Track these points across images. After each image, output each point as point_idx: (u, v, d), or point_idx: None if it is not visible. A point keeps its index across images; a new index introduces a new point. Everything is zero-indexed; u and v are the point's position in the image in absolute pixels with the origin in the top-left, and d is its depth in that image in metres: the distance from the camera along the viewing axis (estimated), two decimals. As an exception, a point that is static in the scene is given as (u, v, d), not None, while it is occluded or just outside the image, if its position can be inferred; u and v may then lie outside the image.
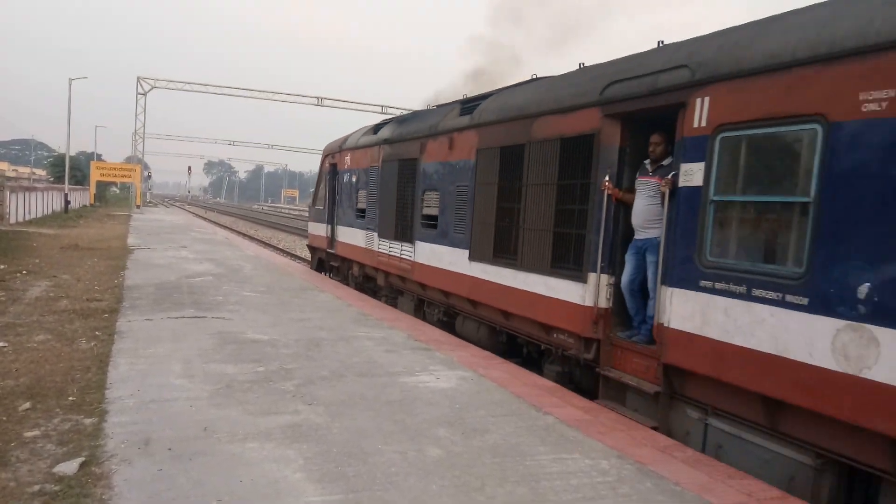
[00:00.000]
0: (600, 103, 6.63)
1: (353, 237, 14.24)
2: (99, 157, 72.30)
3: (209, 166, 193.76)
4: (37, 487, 3.80)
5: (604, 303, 6.58)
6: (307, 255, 12.88)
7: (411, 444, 4.78)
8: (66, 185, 44.97)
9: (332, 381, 6.26)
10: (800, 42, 4.65)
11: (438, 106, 11.85)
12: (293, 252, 25.94)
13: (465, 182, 9.24)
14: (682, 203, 5.59)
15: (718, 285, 5.15)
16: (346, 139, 15.68)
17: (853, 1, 4.51)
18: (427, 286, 10.60)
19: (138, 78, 51.56)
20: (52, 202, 39.43)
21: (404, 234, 11.32)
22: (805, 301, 4.49)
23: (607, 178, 6.43)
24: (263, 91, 53.04)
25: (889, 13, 4.11)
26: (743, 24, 5.59)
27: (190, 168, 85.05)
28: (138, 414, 5.08)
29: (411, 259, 10.95)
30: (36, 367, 6.27)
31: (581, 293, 6.72)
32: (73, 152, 58.12)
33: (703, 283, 5.30)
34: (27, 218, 30.73)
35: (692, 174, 5.49)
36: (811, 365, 4.42)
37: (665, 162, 6.16)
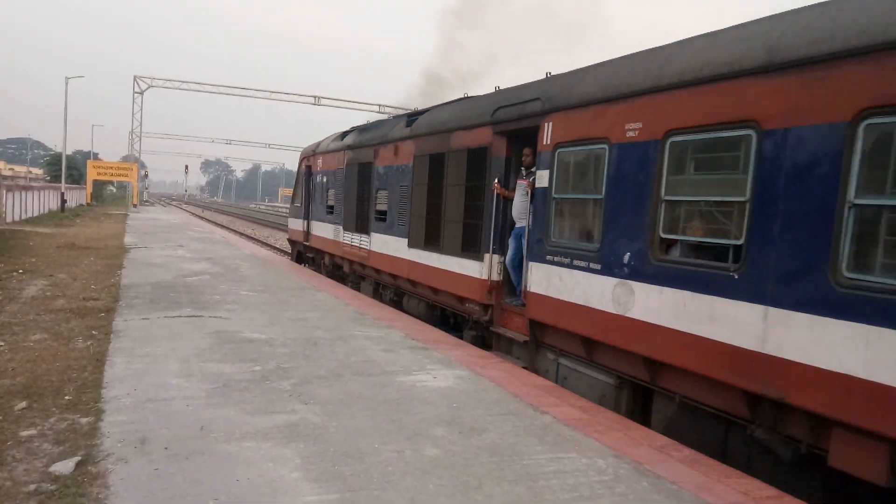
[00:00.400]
0: (491, 123, 8.63)
1: (324, 231, 16.19)
2: (96, 156, 72.12)
3: (206, 165, 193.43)
4: (33, 487, 3.80)
5: (495, 276, 8.61)
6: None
7: (408, 443, 4.78)
8: (63, 184, 44.87)
9: (329, 381, 6.26)
10: (598, 88, 6.79)
11: (394, 117, 13.68)
12: (290, 251, 26.18)
13: (406, 183, 11.17)
14: (537, 200, 7.64)
15: (556, 259, 7.19)
16: (318, 144, 17.69)
17: (624, 65, 6.72)
18: (380, 271, 12.51)
19: (135, 77, 51.45)
20: (48, 201, 39.33)
21: (363, 226, 13.22)
22: (599, 267, 6.54)
23: (496, 181, 8.42)
24: (261, 90, 52.94)
25: (638, 74, 6.31)
26: (574, 70, 7.76)
27: (187, 167, 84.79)
28: (135, 413, 5.07)
29: (368, 248, 12.91)
30: (32, 367, 6.25)
31: (480, 269, 8.75)
32: (69, 151, 58.06)
33: (548, 257, 7.33)
34: (23, 217, 30.65)
35: (543, 178, 7.49)
36: (602, 310, 6.45)
37: (533, 169, 7.84)
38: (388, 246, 11.88)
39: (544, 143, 7.48)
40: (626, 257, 6.15)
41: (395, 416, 5.37)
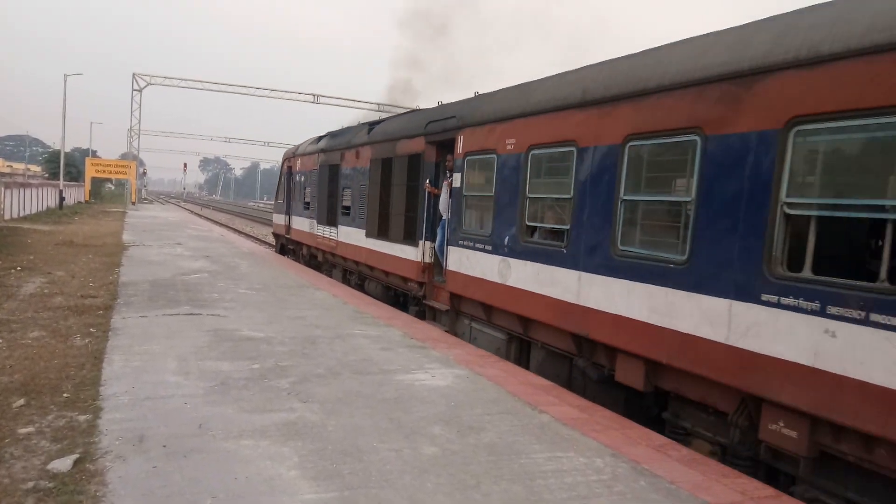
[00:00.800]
0: (424, 134, 10.74)
1: (302, 224, 18.40)
2: (94, 154, 72.05)
3: (205, 163, 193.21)
4: (31, 484, 3.79)
5: (427, 259, 10.63)
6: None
7: (407, 441, 4.78)
8: (61, 182, 44.81)
9: (327, 379, 6.26)
10: (494, 111, 8.75)
11: (359, 125, 15.51)
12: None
13: (364, 182, 13.25)
14: (454, 197, 9.66)
15: (465, 243, 9.23)
16: (297, 147, 19.89)
17: (508, 94, 8.70)
18: (346, 258, 14.66)
19: (134, 74, 51.34)
20: (46, 198, 39.27)
21: (332, 220, 15.45)
22: (490, 248, 8.56)
23: (427, 181, 10.51)
24: (260, 88, 52.93)
25: (514, 102, 8.32)
26: (480, 95, 9.91)
27: (185, 165, 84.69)
28: (133, 411, 5.07)
29: (336, 239, 15.10)
30: (30, 364, 6.24)
31: (416, 253, 10.83)
32: (68, 149, 57.97)
33: (461, 242, 9.38)
34: (22, 214, 30.61)
35: (457, 180, 9.52)
36: (492, 281, 8.47)
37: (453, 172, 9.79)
38: (352, 237, 14.02)
39: (458, 151, 9.56)
40: (506, 240, 8.21)
41: (394, 414, 5.37)
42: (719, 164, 5.27)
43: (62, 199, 41.43)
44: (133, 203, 52.27)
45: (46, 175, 70.98)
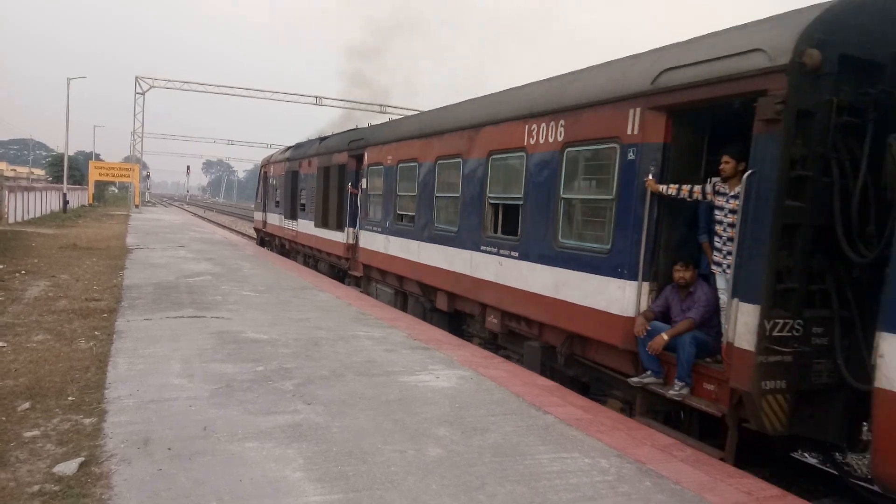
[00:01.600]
0: (347, 150, 14.82)
1: (274, 220, 23.00)
2: (97, 157, 72.19)
3: (208, 166, 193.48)
4: (36, 487, 3.80)
5: (351, 240, 14.57)
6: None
7: (411, 443, 4.78)
8: (65, 185, 44.91)
9: (331, 381, 6.26)
10: (382, 136, 12.66)
11: (314, 139, 19.66)
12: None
13: (314, 185, 17.57)
14: (363, 195, 13.62)
15: (368, 227, 13.12)
16: (271, 156, 24.92)
17: (389, 127, 13.21)
18: (303, 244, 18.96)
19: (136, 77, 51.33)
20: (50, 202, 39.37)
21: (294, 215, 19.75)
22: (380, 230, 12.46)
23: (350, 184, 14.62)
24: (262, 90, 52.86)
25: (386, 131, 13.00)
26: (376, 125, 14.31)
27: (188, 167, 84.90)
28: (138, 414, 5.08)
29: (296, 230, 19.47)
30: (35, 367, 6.26)
31: (343, 237, 14.88)
32: (71, 152, 58.10)
33: (367, 227, 13.29)
34: (26, 218, 30.69)
35: (364, 183, 13.50)
36: (382, 252, 12.18)
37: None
38: (306, 227, 18.35)
39: (365, 163, 13.62)
40: (388, 224, 12.12)
41: (398, 416, 5.37)
42: (470, 172, 9.29)
43: (66, 202, 41.53)
44: (136, 206, 52.31)
45: (50, 178, 71.14)
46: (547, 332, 7.66)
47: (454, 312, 10.10)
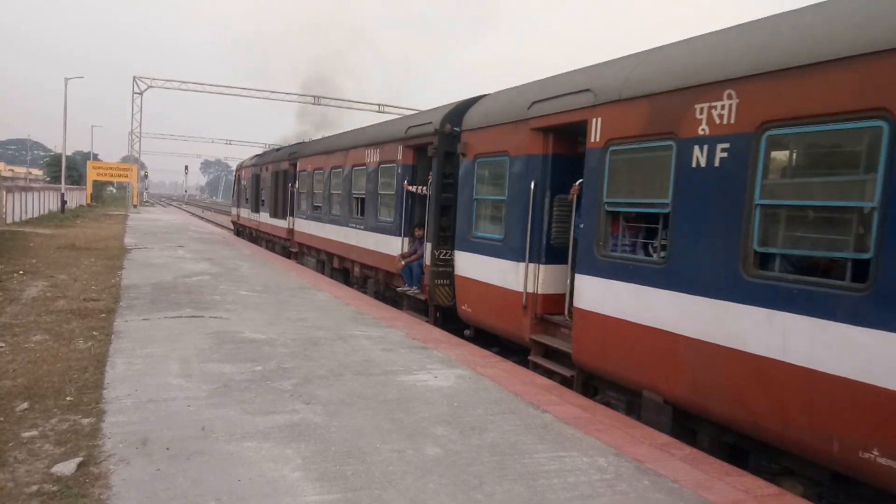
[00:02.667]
0: (288, 158, 20.17)
1: (244, 213, 28.61)
2: (95, 157, 72.07)
3: (206, 165, 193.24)
4: (35, 488, 3.80)
5: (291, 226, 19.57)
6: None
7: (409, 442, 4.79)
8: (63, 185, 44.87)
9: (329, 381, 6.27)
10: (308, 149, 18.89)
11: (272, 150, 27.31)
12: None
13: (269, 185, 22.83)
14: (296, 194, 19.27)
15: (299, 215, 18.80)
16: (243, 162, 31.24)
17: (315, 144, 19.24)
18: (264, 232, 24.21)
19: (134, 77, 51.34)
20: (48, 202, 39.31)
21: (257, 209, 25.30)
22: (306, 217, 18.10)
23: (290, 184, 19.71)
24: (261, 90, 52.84)
25: (310, 147, 19.16)
26: (311, 141, 20.99)
27: (186, 167, 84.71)
28: (136, 414, 5.08)
29: (259, 220, 24.94)
30: (33, 368, 6.26)
31: (285, 223, 20.15)
32: (69, 152, 58.04)
33: (298, 216, 19.02)
34: (24, 218, 30.64)
35: (297, 183, 19.20)
36: (308, 233, 17.87)
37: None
38: (265, 218, 23.75)
39: (298, 170, 18.92)
40: (310, 212, 17.27)
41: (396, 415, 5.37)
42: (346, 177, 14.24)
43: (64, 202, 41.47)
44: (134, 206, 52.27)
45: (48, 179, 71.05)
46: (378, 272, 13.06)
47: (342, 269, 15.44)
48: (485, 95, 9.79)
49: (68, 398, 5.40)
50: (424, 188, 10.82)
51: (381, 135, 12.86)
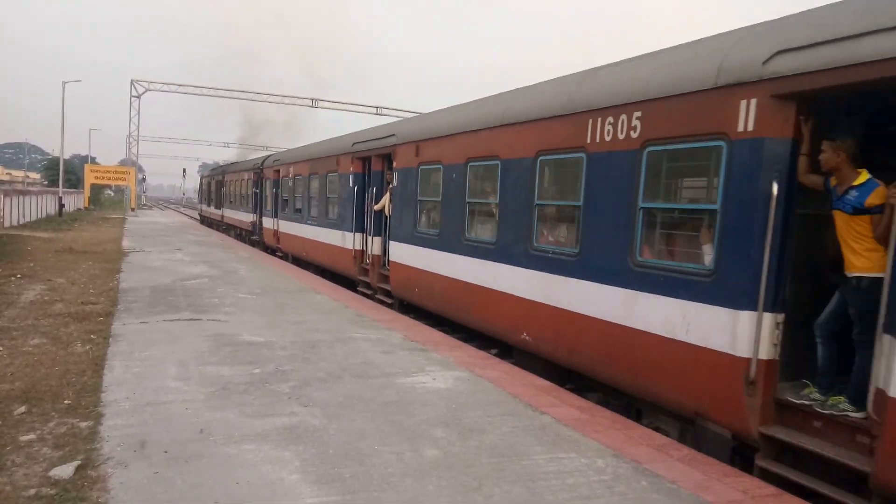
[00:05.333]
0: (253, 169, 26.10)
1: (210, 210, 37.97)
2: (93, 160, 72.04)
3: (204, 168, 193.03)
4: (33, 491, 3.80)
5: (256, 220, 24.91)
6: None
7: (408, 444, 4.79)
8: (61, 189, 44.82)
9: (328, 383, 6.26)
10: (290, 157, 20.86)
11: (231, 163, 37.72)
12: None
13: (233, 189, 30.91)
14: (261, 195, 24.58)
15: (281, 215, 21.09)
16: (207, 170, 47.84)
17: (295, 151, 22.56)
18: (228, 222, 31.76)
19: (132, 80, 51.31)
20: (46, 206, 39.24)
21: (220, 205, 34.27)
22: (271, 214, 22.54)
23: (267, 188, 23.33)
24: (258, 93, 52.90)
25: (293, 154, 21.47)
26: (285, 152, 25.08)
27: (185, 170, 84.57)
28: (134, 417, 5.07)
29: (221, 214, 33.60)
30: (31, 371, 6.25)
31: (252, 217, 25.77)
32: (67, 155, 57.99)
33: (280, 215, 21.20)
34: (21, 222, 30.59)
35: (263, 188, 24.30)
36: (272, 229, 22.14)
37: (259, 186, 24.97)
38: (228, 212, 30.96)
39: (270, 176, 22.64)
40: (271, 212, 22.06)
41: (395, 417, 5.37)
42: (308, 183, 18.16)
43: (62, 206, 41.40)
44: (132, 209, 52.21)
45: (46, 182, 71.02)
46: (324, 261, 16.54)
47: (307, 261, 18.12)
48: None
49: (66, 401, 5.40)
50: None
51: (323, 151, 16.90)
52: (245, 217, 27.14)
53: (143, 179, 72.29)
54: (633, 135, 6.09)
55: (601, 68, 7.18)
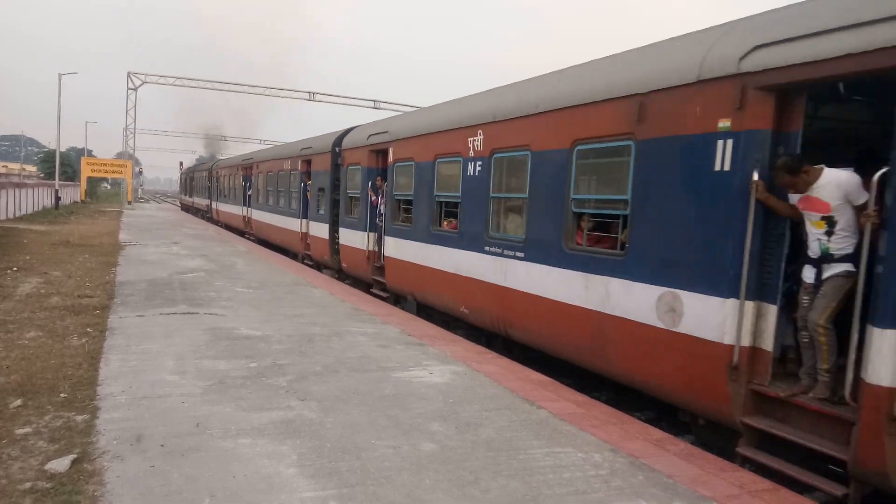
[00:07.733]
0: (240, 165, 27.92)
1: (197, 200, 43.88)
2: (90, 153, 71.76)
3: (201, 161, 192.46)
4: (28, 485, 3.79)
5: (246, 214, 25.84)
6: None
7: (405, 438, 4.79)
8: (57, 182, 44.57)
9: (325, 377, 6.26)
10: (273, 155, 23.09)
11: (214, 160, 46.30)
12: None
13: (215, 182, 35.66)
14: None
15: (257, 206, 23.96)
16: (184, 170, 58.61)
17: (271, 149, 28.46)
18: (216, 212, 34.79)
19: (129, 73, 51.00)
20: (42, 198, 39.13)
21: (207, 196, 38.43)
22: (230, 204, 30.36)
23: (244, 183, 26.65)
24: (255, 86, 52.50)
25: (294, 148, 20.56)
26: (257, 151, 31.80)
27: (181, 164, 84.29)
28: (130, 410, 5.06)
29: (215, 208, 35.02)
30: (27, 364, 6.23)
31: (241, 211, 26.99)
32: (63, 148, 57.70)
33: (251, 207, 25.13)
34: (17, 214, 30.49)
35: (246, 185, 26.66)
36: (257, 219, 24.23)
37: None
38: (218, 204, 33.78)
39: (251, 172, 25.21)
40: (253, 203, 24.63)
41: (392, 411, 5.37)
42: (270, 179, 22.03)
43: (58, 198, 41.24)
44: (129, 202, 52.04)
45: (42, 175, 70.71)
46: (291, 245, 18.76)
47: (274, 244, 20.80)
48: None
49: (62, 395, 5.38)
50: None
51: (281, 153, 20.37)
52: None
53: (140, 172, 72.09)
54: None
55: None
